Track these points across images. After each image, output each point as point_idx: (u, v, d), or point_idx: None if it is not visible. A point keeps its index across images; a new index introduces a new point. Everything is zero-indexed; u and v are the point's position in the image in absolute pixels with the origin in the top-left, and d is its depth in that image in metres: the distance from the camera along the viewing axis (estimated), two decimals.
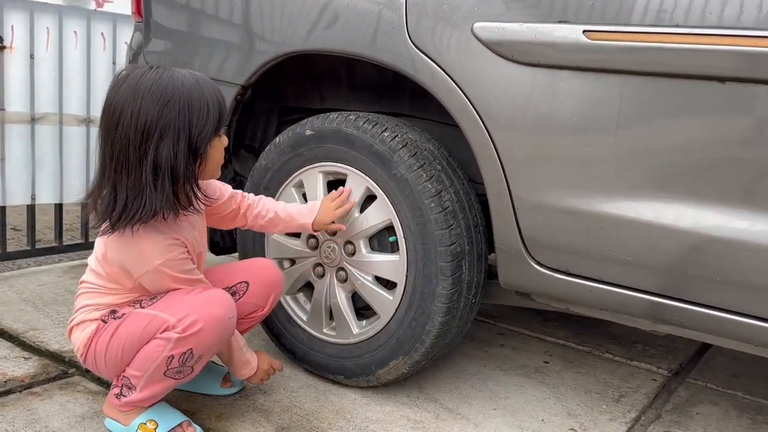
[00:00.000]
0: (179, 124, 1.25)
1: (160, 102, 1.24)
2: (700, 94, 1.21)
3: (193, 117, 1.27)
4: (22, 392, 1.57)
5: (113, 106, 1.26)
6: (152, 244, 1.30)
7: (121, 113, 1.25)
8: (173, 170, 1.26)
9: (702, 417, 1.72)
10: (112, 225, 1.27)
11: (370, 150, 1.57)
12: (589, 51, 1.28)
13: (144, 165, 1.24)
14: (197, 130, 1.27)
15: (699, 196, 1.25)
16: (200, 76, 1.31)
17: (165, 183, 1.26)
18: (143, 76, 1.26)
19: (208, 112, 1.29)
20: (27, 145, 2.42)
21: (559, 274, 1.41)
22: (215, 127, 1.31)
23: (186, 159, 1.27)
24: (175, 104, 1.25)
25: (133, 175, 1.25)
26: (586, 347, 2.14)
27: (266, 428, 1.49)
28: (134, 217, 1.25)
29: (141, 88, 1.25)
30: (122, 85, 1.27)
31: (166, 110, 1.24)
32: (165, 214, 1.28)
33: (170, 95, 1.25)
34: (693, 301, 1.29)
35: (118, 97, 1.26)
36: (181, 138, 1.26)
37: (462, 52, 1.42)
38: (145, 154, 1.24)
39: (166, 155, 1.25)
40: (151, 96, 1.24)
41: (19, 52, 2.35)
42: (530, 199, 1.40)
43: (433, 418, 1.60)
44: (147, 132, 1.24)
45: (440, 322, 1.53)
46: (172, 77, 1.27)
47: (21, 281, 2.34)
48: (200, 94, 1.28)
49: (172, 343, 1.30)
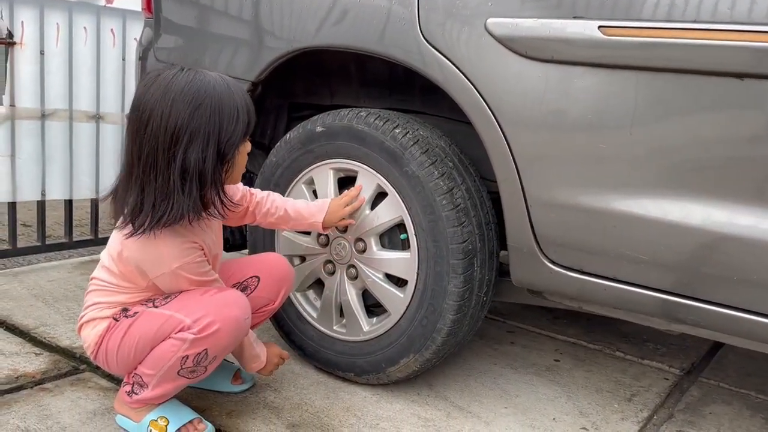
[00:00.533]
0: (209, 129, 1.24)
1: (192, 105, 1.23)
2: (718, 91, 1.19)
3: (224, 122, 1.26)
4: (34, 388, 1.57)
5: (143, 106, 1.25)
6: (170, 247, 1.29)
7: (151, 114, 1.23)
8: (201, 175, 1.25)
9: (715, 416, 1.71)
10: (138, 227, 1.26)
11: (381, 147, 1.56)
12: (604, 47, 1.27)
13: (172, 168, 1.23)
14: (227, 136, 1.26)
15: (715, 194, 1.24)
16: (231, 81, 1.30)
17: (192, 187, 1.25)
18: (174, 77, 1.25)
19: (238, 118, 1.28)
20: (37, 141, 2.42)
21: (573, 272, 1.40)
22: (244, 133, 1.30)
23: (214, 164, 1.27)
24: (207, 108, 1.24)
25: (161, 177, 1.24)
26: (596, 345, 2.13)
27: (277, 425, 1.49)
28: (161, 220, 1.25)
29: (172, 90, 1.23)
30: (152, 85, 1.25)
31: (197, 114, 1.23)
32: (191, 218, 1.27)
33: (202, 99, 1.24)
34: (709, 300, 1.28)
35: (148, 96, 1.25)
36: (211, 143, 1.25)
37: (475, 48, 1.41)
38: (174, 157, 1.23)
39: (194, 159, 1.24)
40: (183, 98, 1.23)
41: (30, 48, 2.36)
42: (543, 197, 1.38)
43: (443, 416, 1.59)
44: (177, 135, 1.23)
45: (451, 320, 1.52)
46: (204, 81, 1.26)
47: (31, 277, 2.35)
48: (231, 99, 1.27)
49: (187, 344, 1.30)
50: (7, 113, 2.33)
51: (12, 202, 2.43)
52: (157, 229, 1.26)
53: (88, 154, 2.57)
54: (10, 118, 2.34)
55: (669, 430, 1.62)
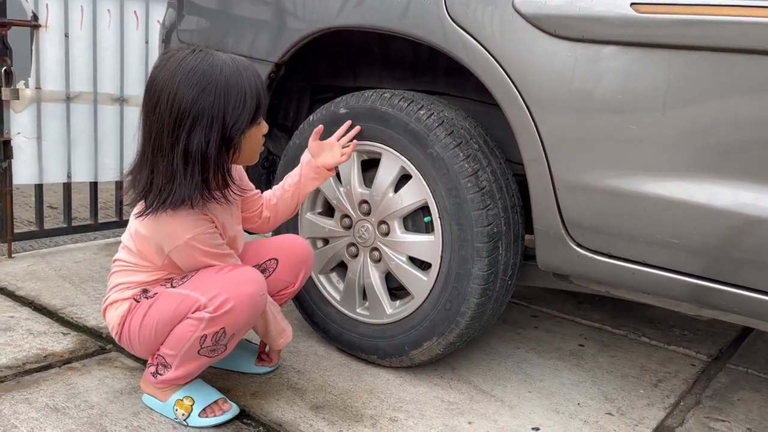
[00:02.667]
0: (213, 113, 1.24)
1: (196, 88, 1.23)
2: (755, 70, 1.15)
3: (229, 106, 1.25)
4: (62, 367, 1.59)
5: (154, 87, 1.25)
6: (180, 220, 1.30)
7: (160, 95, 1.24)
8: (204, 159, 1.25)
9: (743, 403, 1.68)
10: (147, 207, 1.27)
11: (406, 128, 1.54)
12: (636, 25, 1.23)
13: (176, 151, 1.24)
14: (232, 120, 1.25)
15: (749, 177, 1.20)
16: (242, 63, 1.29)
17: (195, 171, 1.25)
18: (184, 59, 1.24)
19: (245, 102, 1.26)
20: (62, 124, 2.44)
21: (601, 256, 1.38)
22: (251, 118, 1.29)
23: (218, 148, 1.26)
24: (211, 92, 1.23)
25: (166, 160, 1.25)
26: (621, 331, 2.10)
27: (300, 406, 1.50)
28: (165, 201, 1.26)
29: (180, 72, 1.23)
30: (164, 65, 1.25)
31: (201, 97, 1.23)
32: (194, 202, 1.27)
33: (207, 82, 1.23)
34: (741, 285, 1.25)
35: (159, 78, 1.25)
36: (215, 127, 1.24)
37: (502, 27, 1.38)
38: (177, 141, 1.23)
39: (197, 143, 1.23)
40: (188, 81, 1.23)
41: (54, 30, 2.37)
42: (571, 179, 1.36)
43: (467, 399, 1.59)
44: (180, 118, 1.23)
45: (475, 303, 1.51)
46: (212, 63, 1.25)
47: (58, 258, 2.38)
48: (238, 82, 1.26)
49: (204, 323, 1.30)
50: (32, 96, 2.35)
51: (39, 185, 2.46)
52: (162, 211, 1.27)
53: (113, 137, 2.59)
54: (36, 100, 2.36)
55: (696, 416, 1.60)
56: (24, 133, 2.36)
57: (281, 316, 1.52)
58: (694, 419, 1.59)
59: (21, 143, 2.35)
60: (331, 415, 1.47)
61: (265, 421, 1.43)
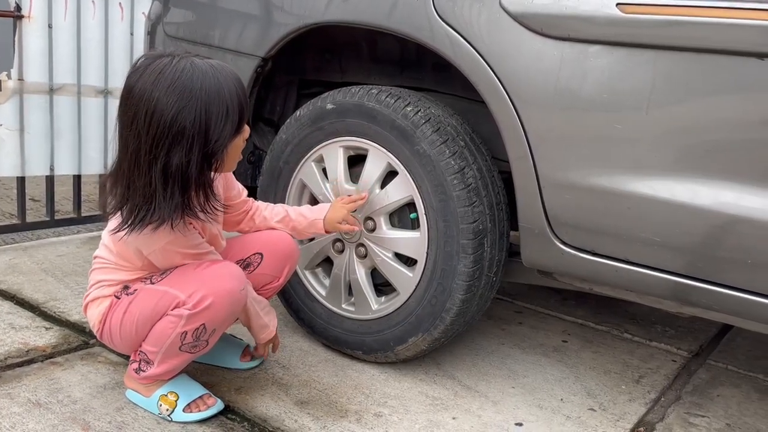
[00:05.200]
0: (194, 131, 1.18)
1: (176, 106, 1.17)
2: (738, 71, 1.16)
3: (210, 123, 1.19)
4: (44, 362, 1.58)
5: (131, 98, 1.19)
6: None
7: (137, 110, 1.18)
8: (185, 178, 1.20)
9: (723, 399, 1.71)
10: (121, 225, 1.23)
11: (393, 125, 1.54)
12: (622, 25, 1.24)
13: (154, 170, 1.18)
14: (214, 137, 1.20)
15: (732, 177, 1.22)
16: (222, 73, 1.23)
17: (175, 192, 1.20)
18: (162, 71, 1.18)
19: (227, 117, 1.21)
20: (46, 116, 2.42)
21: (584, 253, 1.39)
22: (234, 131, 1.24)
23: (199, 167, 1.21)
24: (192, 110, 1.17)
25: (144, 178, 1.19)
26: (604, 327, 2.12)
27: (285, 402, 1.50)
28: (143, 221, 1.21)
29: (158, 87, 1.17)
30: (142, 75, 1.19)
31: (180, 116, 1.17)
32: (173, 223, 1.23)
33: (187, 99, 1.17)
34: (722, 283, 1.27)
35: (136, 89, 1.19)
36: (195, 145, 1.19)
37: (489, 25, 1.38)
38: (156, 159, 1.18)
39: (176, 163, 1.18)
40: (167, 98, 1.17)
41: (37, 21, 2.34)
42: (556, 177, 1.37)
43: (451, 395, 1.60)
44: (159, 136, 1.17)
45: (461, 299, 1.52)
46: (191, 76, 1.18)
47: (41, 251, 2.36)
48: (220, 96, 1.20)
49: (183, 320, 1.30)
50: (15, 87, 2.32)
51: (21, 177, 2.43)
52: (139, 231, 1.22)
53: (97, 130, 2.57)
54: (19, 92, 2.33)
55: (676, 412, 1.62)
56: (6, 125, 2.33)
57: (266, 311, 1.52)
58: (674, 414, 1.61)
59: (3, 135, 2.32)
60: (316, 410, 1.47)
61: (249, 416, 1.43)
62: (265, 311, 1.52)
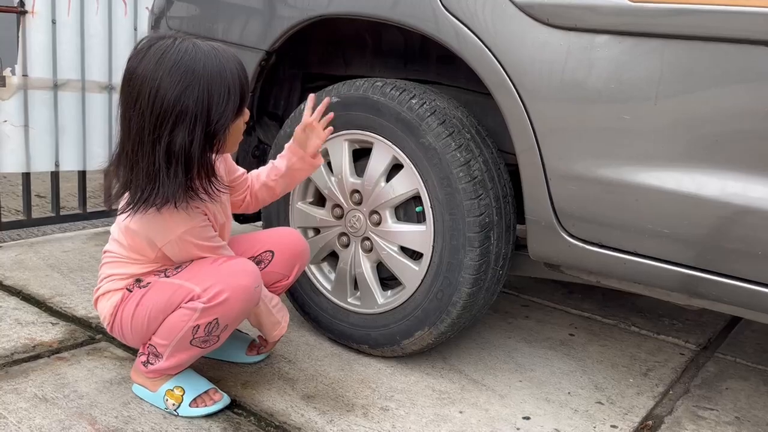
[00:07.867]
0: (197, 111, 1.20)
1: (180, 86, 1.18)
2: (748, 60, 1.15)
3: (212, 103, 1.21)
4: (51, 357, 1.58)
5: (134, 79, 1.21)
6: (173, 214, 1.28)
7: (140, 91, 1.19)
8: (188, 157, 1.21)
9: (731, 392, 1.70)
10: (127, 206, 1.25)
11: (398, 117, 1.53)
12: (630, 14, 1.23)
13: (157, 150, 1.20)
14: (216, 117, 1.22)
15: (741, 167, 1.20)
16: (224, 55, 1.24)
17: (178, 171, 1.21)
18: (165, 52, 1.20)
19: (229, 98, 1.23)
20: (50, 112, 2.41)
21: (592, 246, 1.38)
22: (235, 112, 1.25)
23: (202, 146, 1.22)
24: (194, 89, 1.19)
25: (147, 159, 1.21)
26: (611, 320, 2.11)
27: (292, 396, 1.49)
28: (147, 201, 1.22)
29: (161, 67, 1.19)
30: (144, 57, 1.20)
31: (184, 96, 1.19)
32: (177, 202, 1.24)
33: (190, 79, 1.19)
34: (731, 275, 1.25)
35: (139, 70, 1.20)
36: (198, 125, 1.20)
37: (495, 16, 1.37)
38: (159, 139, 1.19)
39: (180, 142, 1.20)
40: (170, 78, 1.18)
41: (41, 16, 2.33)
42: (563, 169, 1.36)
43: (458, 389, 1.59)
44: (162, 116, 1.18)
45: (467, 293, 1.51)
46: (194, 57, 1.20)
47: (46, 247, 2.36)
48: (222, 77, 1.22)
49: (197, 313, 1.30)
50: (19, 83, 2.32)
51: (26, 173, 2.44)
52: (144, 210, 1.23)
53: (101, 125, 2.56)
54: (23, 88, 2.33)
55: (685, 405, 1.61)
56: (11, 121, 2.33)
57: (278, 308, 1.51)
58: (683, 408, 1.60)
59: (8, 131, 2.32)
60: (323, 404, 1.47)
61: (256, 410, 1.43)
62: (277, 308, 1.51)
